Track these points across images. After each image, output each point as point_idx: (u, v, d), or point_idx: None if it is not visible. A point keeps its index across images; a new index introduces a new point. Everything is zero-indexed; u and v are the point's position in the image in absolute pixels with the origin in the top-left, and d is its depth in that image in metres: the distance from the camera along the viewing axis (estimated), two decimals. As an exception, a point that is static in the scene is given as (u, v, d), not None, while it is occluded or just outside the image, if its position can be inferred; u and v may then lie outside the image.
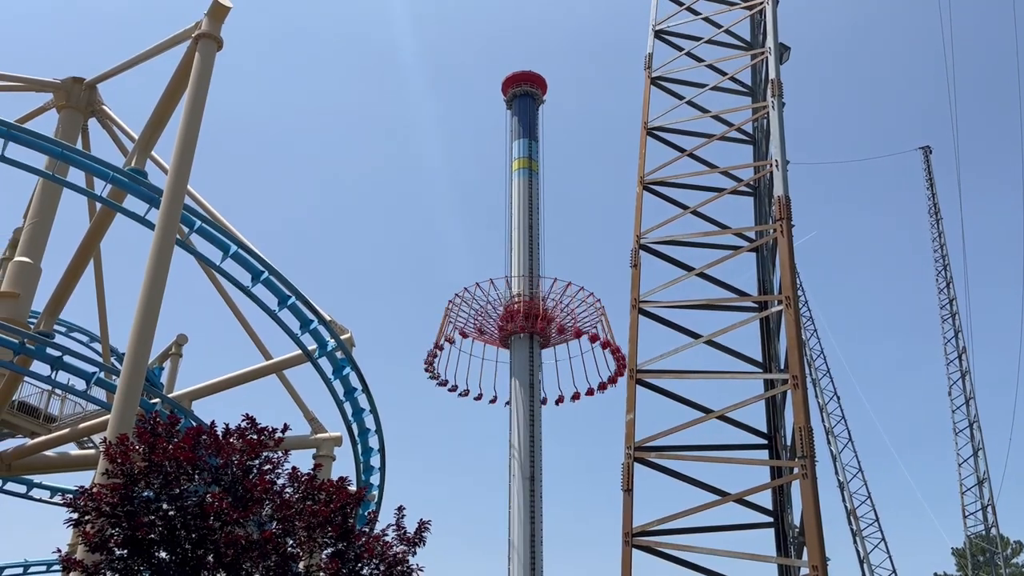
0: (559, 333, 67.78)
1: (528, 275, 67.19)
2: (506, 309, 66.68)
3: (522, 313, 65.70)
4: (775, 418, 24.62)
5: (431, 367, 69.55)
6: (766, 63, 26.93)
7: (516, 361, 66.06)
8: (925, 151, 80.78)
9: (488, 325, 67.80)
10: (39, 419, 33.15)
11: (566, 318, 67.57)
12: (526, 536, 59.75)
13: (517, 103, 75.22)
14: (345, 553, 13.92)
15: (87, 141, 35.62)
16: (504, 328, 66.73)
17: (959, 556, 74.64)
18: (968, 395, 71.94)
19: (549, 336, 67.65)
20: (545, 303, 66.68)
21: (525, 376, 65.01)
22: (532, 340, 66.44)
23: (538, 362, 66.48)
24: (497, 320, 67.20)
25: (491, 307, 67.28)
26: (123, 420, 20.24)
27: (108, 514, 12.96)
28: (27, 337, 28.23)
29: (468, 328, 68.13)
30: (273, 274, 29.04)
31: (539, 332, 66.35)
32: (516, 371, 65.63)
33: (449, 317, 68.60)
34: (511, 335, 66.73)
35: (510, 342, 67.07)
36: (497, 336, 67.97)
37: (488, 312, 67.62)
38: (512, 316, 66.22)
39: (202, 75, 25.82)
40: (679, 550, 21.43)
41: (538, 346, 66.84)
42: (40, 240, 31.94)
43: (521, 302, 66.13)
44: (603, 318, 68.37)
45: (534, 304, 66.16)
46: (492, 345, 69.21)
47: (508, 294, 66.89)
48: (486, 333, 68.23)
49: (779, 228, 23.35)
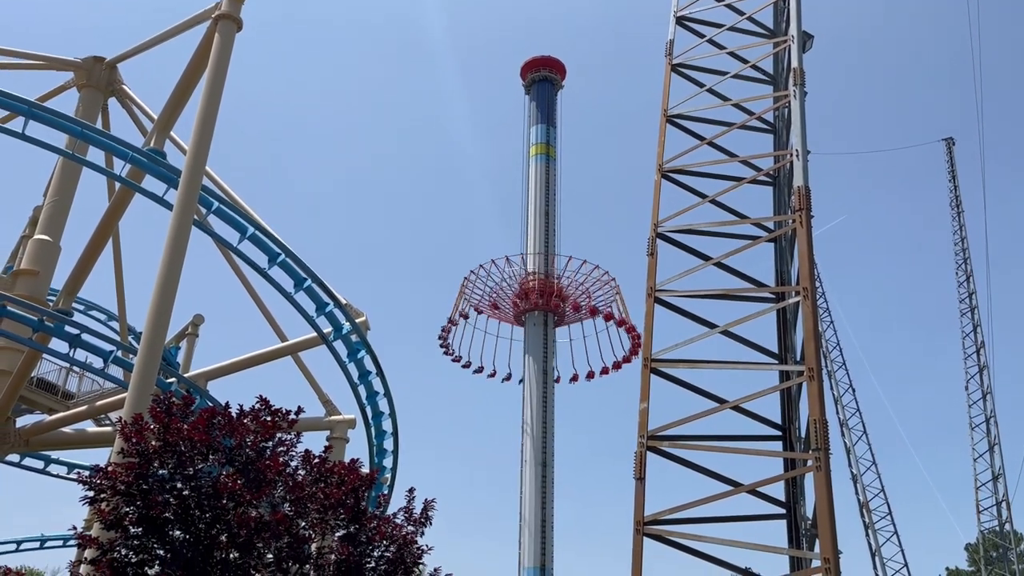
0: (574, 311, 67.65)
1: (544, 253, 67.06)
2: (521, 286, 66.65)
3: (537, 290, 65.60)
4: (790, 410, 24.51)
5: (445, 342, 69.75)
6: (789, 51, 26.62)
7: (530, 339, 66.05)
8: (948, 143, 79.89)
9: (503, 302, 67.84)
10: (57, 396, 33.51)
11: (581, 296, 67.41)
12: (537, 522, 59.93)
13: (536, 88, 74.79)
14: (356, 536, 13.98)
15: (107, 120, 35.78)
16: (519, 305, 66.72)
17: (972, 552, 74.32)
18: (986, 390, 71.39)
19: (563, 314, 67.57)
20: (560, 281, 66.55)
21: (539, 353, 64.95)
22: (546, 318, 66.38)
23: (552, 340, 66.38)
24: (512, 297, 67.17)
25: (506, 284, 67.26)
26: (139, 399, 20.38)
27: (123, 492, 13.06)
28: (46, 315, 28.45)
29: (483, 304, 68.20)
30: (290, 256, 29.10)
31: (553, 310, 66.31)
32: (530, 348, 65.62)
33: (464, 293, 68.69)
34: (525, 312, 66.70)
35: (524, 320, 67.11)
36: (511, 313, 67.99)
37: (503, 289, 67.64)
38: (527, 294, 66.18)
39: (221, 56, 25.82)
40: (690, 540, 21.41)
41: (552, 324, 66.74)
42: (59, 219, 32.17)
43: (536, 279, 66.02)
44: (618, 297, 68.23)
45: (549, 282, 66.03)
46: (506, 323, 69.28)
47: (523, 271, 66.80)
48: (501, 310, 68.25)
49: (798, 219, 23.16)
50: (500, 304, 67.98)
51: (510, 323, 69.06)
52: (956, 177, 78.26)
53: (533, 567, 59.56)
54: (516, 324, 68.43)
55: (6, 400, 29.91)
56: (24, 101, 27.36)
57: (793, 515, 23.14)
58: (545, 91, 74.56)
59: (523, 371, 65.27)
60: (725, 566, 23.79)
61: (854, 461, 69.67)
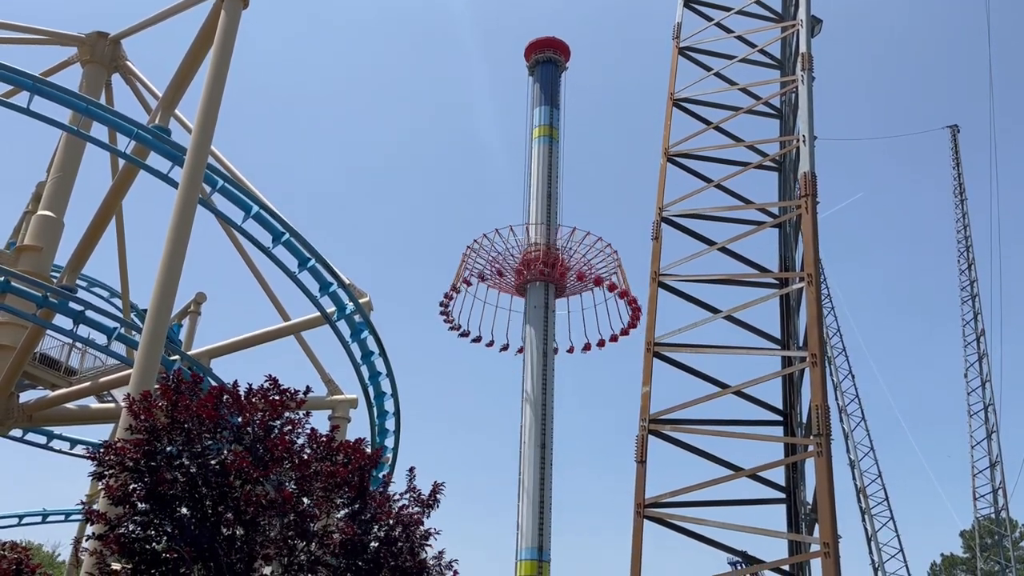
0: (578, 280, 68.03)
1: (546, 223, 67.44)
2: (523, 257, 66.97)
3: (540, 260, 65.99)
4: (791, 395, 24.58)
5: (446, 309, 70.08)
6: (797, 36, 26.47)
7: (531, 309, 66.51)
8: (953, 130, 79.61)
9: (505, 272, 68.30)
10: (60, 372, 33.58)
11: (583, 267, 67.71)
12: (535, 504, 60.31)
13: (539, 70, 74.41)
14: (360, 514, 14.06)
15: (110, 97, 35.63)
16: (521, 275, 67.09)
17: (967, 538, 74.72)
18: (984, 378, 71.56)
19: (564, 285, 68.10)
20: (561, 254, 67.01)
21: (540, 323, 65.41)
22: (547, 288, 66.79)
23: (552, 310, 66.90)
24: (514, 267, 67.54)
25: (509, 254, 67.57)
26: (144, 375, 20.46)
27: (131, 468, 13.13)
28: (50, 291, 28.48)
29: (485, 273, 68.70)
30: (294, 236, 29.07)
31: (555, 280, 66.72)
32: (531, 319, 66.11)
33: (466, 263, 69.04)
34: (527, 283, 67.13)
35: (526, 290, 67.52)
36: (513, 283, 68.42)
37: (505, 259, 68.02)
38: (529, 263, 66.50)
39: (227, 33, 25.65)
40: (691, 523, 21.54)
41: (553, 295, 67.21)
42: (63, 195, 32.11)
43: (538, 249, 66.41)
44: (619, 268, 68.73)
45: (550, 252, 66.44)
46: (508, 293, 69.83)
47: (526, 241, 67.14)
48: (503, 278, 68.68)
49: (804, 204, 23.09)
50: (502, 273, 68.39)
51: (511, 293, 69.59)
52: (960, 164, 78.10)
53: (531, 547, 60.00)
54: (517, 295, 68.95)
55: (9, 375, 29.98)
56: (29, 76, 27.25)
57: (793, 500, 23.27)
58: (549, 73, 74.17)
59: (523, 341, 65.78)
60: (724, 549, 23.99)
61: (852, 447, 69.98)
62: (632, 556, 21.24)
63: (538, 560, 59.87)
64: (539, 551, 60.13)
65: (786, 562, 21.60)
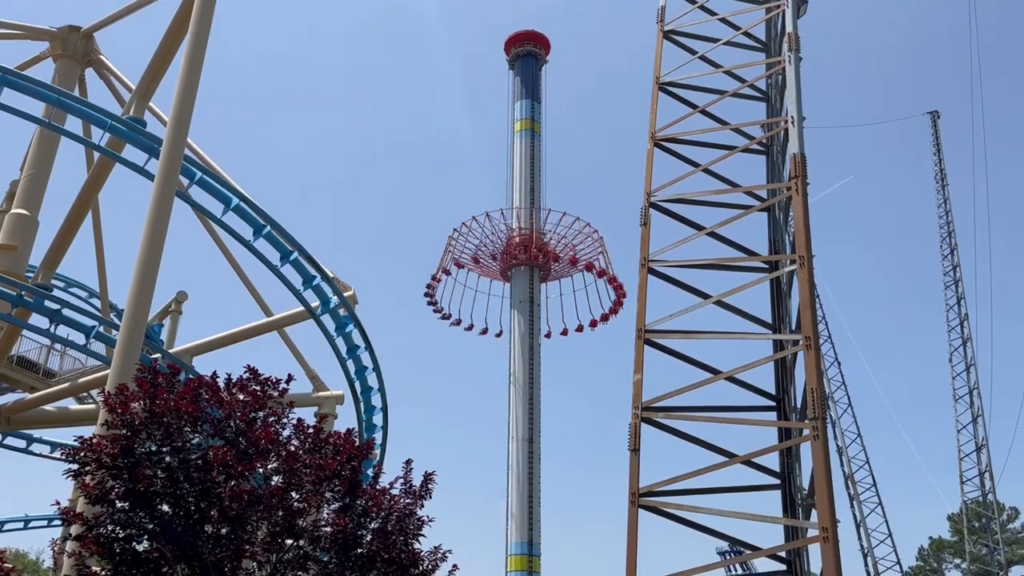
0: (559, 263, 68.14)
1: (529, 207, 67.61)
2: (507, 241, 67.05)
3: (524, 244, 66.19)
4: (784, 380, 24.31)
5: (432, 298, 69.98)
6: (782, 16, 26.19)
7: (516, 293, 66.57)
8: (933, 116, 79.94)
9: (489, 257, 68.27)
10: (38, 374, 32.85)
11: (566, 250, 67.88)
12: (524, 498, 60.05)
13: (519, 64, 73.96)
14: (352, 507, 13.58)
15: (84, 91, 34.88)
16: (505, 259, 67.13)
17: (954, 522, 75.03)
18: (969, 362, 71.87)
19: (549, 269, 68.26)
20: (545, 237, 67.26)
21: (525, 308, 65.51)
22: (532, 272, 66.94)
23: (538, 293, 67.09)
24: (499, 251, 67.56)
25: (496, 237, 67.57)
26: (123, 374, 19.83)
27: (109, 466, 12.57)
28: (25, 289, 27.77)
29: (471, 256, 68.61)
30: (275, 228, 28.49)
31: (539, 264, 66.86)
32: (516, 303, 66.16)
33: (451, 248, 68.97)
34: (511, 267, 67.21)
35: (511, 275, 67.54)
36: (498, 269, 68.46)
37: (488, 245, 67.99)
38: (513, 248, 66.63)
39: (202, 19, 24.94)
40: (686, 511, 21.23)
41: (538, 279, 67.37)
42: (37, 192, 31.34)
43: (523, 233, 66.53)
44: (603, 250, 68.98)
45: (535, 235, 66.58)
46: (493, 279, 69.84)
47: (510, 226, 67.23)
48: (485, 264, 68.69)
49: (794, 186, 22.78)
50: (485, 259, 68.34)
51: (497, 279, 69.61)
52: (941, 150, 78.43)
53: (521, 542, 59.69)
54: (502, 280, 68.97)
55: (-14, 378, 29.27)
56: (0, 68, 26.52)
57: (788, 486, 22.99)
58: (529, 66, 73.74)
59: (510, 326, 65.83)
60: (721, 537, 23.71)
61: (840, 434, 70.10)
62: (628, 545, 20.90)
63: (528, 555, 59.60)
64: (529, 545, 59.85)
65: (785, 548, 21.34)
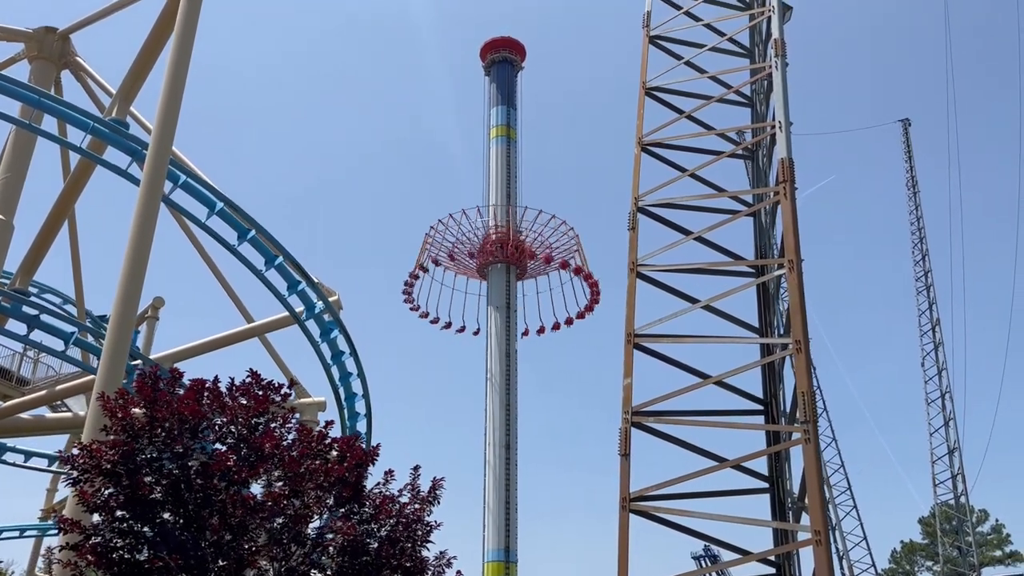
0: (535, 260, 68.47)
1: (506, 205, 67.97)
2: (484, 240, 67.38)
3: (501, 242, 66.67)
4: (772, 384, 24.44)
5: (409, 296, 70.02)
6: (768, 22, 26.37)
7: (493, 290, 66.95)
8: (904, 123, 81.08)
9: (463, 255, 68.68)
10: (11, 382, 32.13)
11: (541, 248, 68.29)
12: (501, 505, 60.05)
13: (495, 70, 74.24)
14: (358, 514, 13.37)
15: (60, 93, 34.14)
16: (482, 256, 67.45)
17: (924, 524, 75.83)
18: (941, 366, 72.81)
19: (525, 267, 68.62)
20: (522, 235, 67.71)
21: (502, 305, 65.84)
22: (509, 270, 67.29)
23: (515, 291, 67.49)
24: (476, 249, 67.96)
25: (473, 234, 67.92)
26: (110, 380, 19.50)
27: (108, 472, 12.26)
28: (2, 295, 27.19)
29: (453, 253, 68.84)
30: (260, 233, 28.14)
31: (516, 262, 67.24)
32: (493, 300, 66.49)
33: (428, 245, 69.10)
34: (488, 265, 67.51)
35: (488, 273, 67.72)
36: (475, 266, 68.69)
37: (469, 239, 68.31)
38: (489, 247, 67.02)
39: (188, 20, 24.53)
40: (676, 515, 21.24)
41: (515, 277, 67.72)
42: (13, 196, 30.60)
43: (499, 231, 66.93)
44: (578, 248, 69.41)
45: (511, 233, 67.04)
46: (470, 277, 70.06)
47: (486, 224, 67.56)
48: (462, 261, 69.02)
49: (783, 190, 22.93)
50: (462, 256, 68.62)
51: (474, 277, 69.86)
52: (912, 157, 79.50)
53: (498, 549, 59.59)
54: (479, 278, 69.20)
55: (-41, 386, 28.57)
56: (-26, 69, 26.00)
57: (777, 489, 23.07)
58: (505, 73, 74.00)
59: (487, 323, 66.10)
60: (712, 542, 23.72)
61: (814, 438, 70.46)
62: (619, 551, 20.86)
63: (505, 561, 59.50)
64: (506, 552, 59.79)
65: (777, 552, 21.39)
